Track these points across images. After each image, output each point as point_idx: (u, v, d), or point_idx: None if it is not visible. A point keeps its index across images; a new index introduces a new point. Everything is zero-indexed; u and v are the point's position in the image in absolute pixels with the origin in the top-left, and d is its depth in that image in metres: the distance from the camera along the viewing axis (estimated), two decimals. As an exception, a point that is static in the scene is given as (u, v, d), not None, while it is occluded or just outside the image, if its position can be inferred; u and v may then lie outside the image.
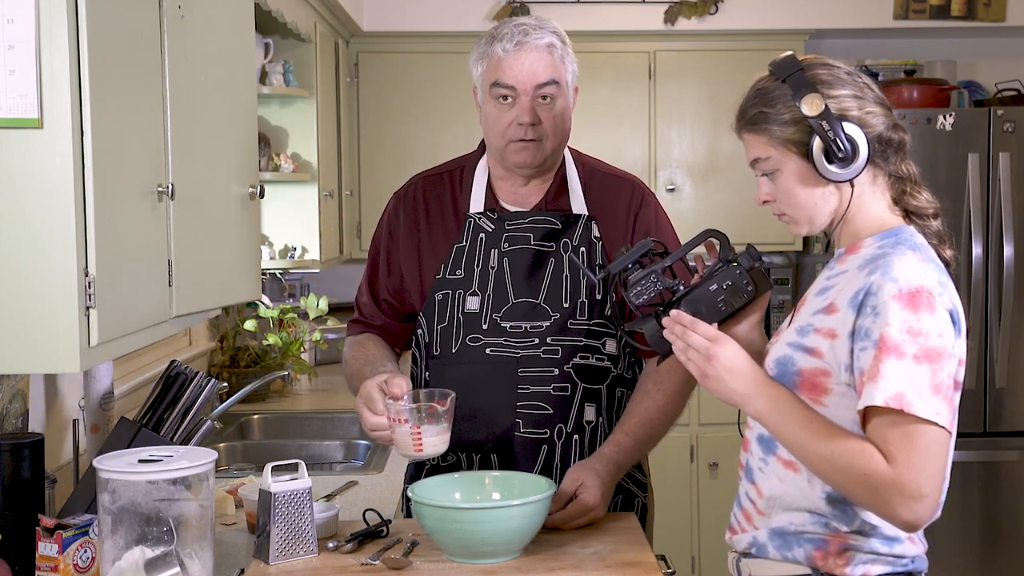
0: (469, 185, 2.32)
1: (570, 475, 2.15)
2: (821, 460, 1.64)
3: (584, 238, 2.26)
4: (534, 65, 2.18)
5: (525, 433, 2.22)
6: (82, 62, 1.56)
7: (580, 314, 2.23)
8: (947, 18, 4.67)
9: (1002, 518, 4.40)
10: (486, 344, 2.23)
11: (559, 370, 2.22)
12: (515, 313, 2.23)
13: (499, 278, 2.25)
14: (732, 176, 4.64)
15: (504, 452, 2.22)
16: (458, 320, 2.26)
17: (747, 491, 1.81)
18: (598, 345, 2.24)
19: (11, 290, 1.57)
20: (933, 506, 1.60)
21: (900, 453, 1.58)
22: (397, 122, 4.63)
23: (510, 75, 2.18)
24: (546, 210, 2.28)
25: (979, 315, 4.32)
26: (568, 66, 2.23)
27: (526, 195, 2.30)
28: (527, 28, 2.20)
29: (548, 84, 2.19)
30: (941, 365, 1.60)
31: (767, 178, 1.77)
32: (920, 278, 1.62)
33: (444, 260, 2.29)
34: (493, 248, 2.27)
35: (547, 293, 2.24)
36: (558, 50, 2.21)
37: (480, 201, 2.30)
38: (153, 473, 1.80)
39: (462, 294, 2.26)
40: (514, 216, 2.28)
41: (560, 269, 2.25)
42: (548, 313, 2.23)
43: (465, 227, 2.29)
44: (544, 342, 2.22)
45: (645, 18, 4.62)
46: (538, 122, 2.19)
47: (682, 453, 4.55)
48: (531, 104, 2.18)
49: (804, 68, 1.73)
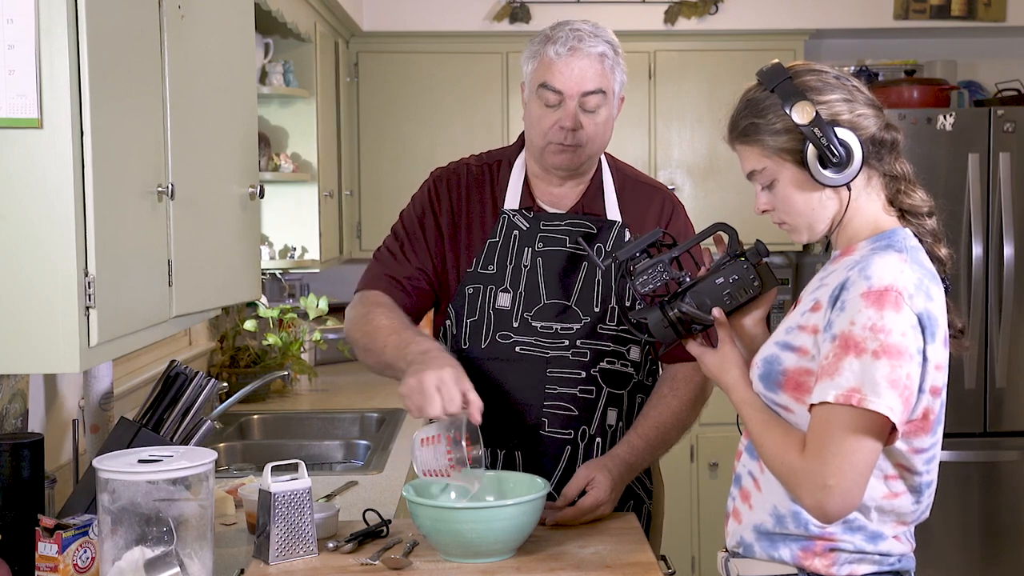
0: (506, 180, 2.33)
1: (581, 472, 2.17)
2: (760, 447, 1.71)
3: (617, 245, 2.27)
4: (584, 72, 2.19)
5: (551, 432, 2.24)
6: (82, 62, 1.56)
7: (610, 319, 2.25)
8: (947, 18, 4.67)
9: (1002, 518, 4.40)
10: (516, 342, 2.24)
11: (586, 373, 2.24)
12: (546, 313, 2.24)
13: (531, 277, 2.26)
14: (732, 176, 4.64)
15: (529, 450, 2.24)
16: (488, 316, 2.26)
17: (744, 474, 1.83)
18: (623, 351, 2.26)
19: (11, 290, 1.57)
20: (843, 498, 1.61)
21: (814, 443, 1.62)
22: (397, 122, 4.63)
23: (559, 79, 2.19)
24: (582, 214, 2.30)
25: (979, 315, 4.32)
26: (617, 76, 2.24)
27: (561, 196, 2.32)
28: (582, 34, 2.20)
29: (595, 93, 2.20)
30: (900, 363, 1.60)
31: (764, 188, 1.77)
32: (892, 278, 1.62)
33: (477, 254, 2.29)
34: (527, 247, 2.27)
35: (579, 296, 2.25)
36: (609, 60, 2.21)
37: (516, 198, 2.31)
38: (153, 473, 1.80)
39: (494, 290, 2.27)
40: (550, 217, 2.29)
41: (593, 273, 2.26)
42: (579, 316, 2.24)
43: (499, 222, 2.30)
44: (573, 344, 2.23)
45: (645, 18, 4.63)
46: (580, 128, 2.21)
47: (682, 453, 4.55)
48: (575, 110, 2.20)
49: (792, 76, 1.72)
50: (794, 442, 1.66)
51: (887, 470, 1.70)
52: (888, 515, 1.72)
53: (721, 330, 1.83)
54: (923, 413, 1.67)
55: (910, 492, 1.72)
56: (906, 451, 1.69)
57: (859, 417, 1.59)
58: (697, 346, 1.87)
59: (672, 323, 1.84)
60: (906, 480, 1.71)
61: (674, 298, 1.85)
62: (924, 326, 1.63)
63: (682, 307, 1.83)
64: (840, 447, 1.60)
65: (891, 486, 1.70)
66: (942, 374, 1.69)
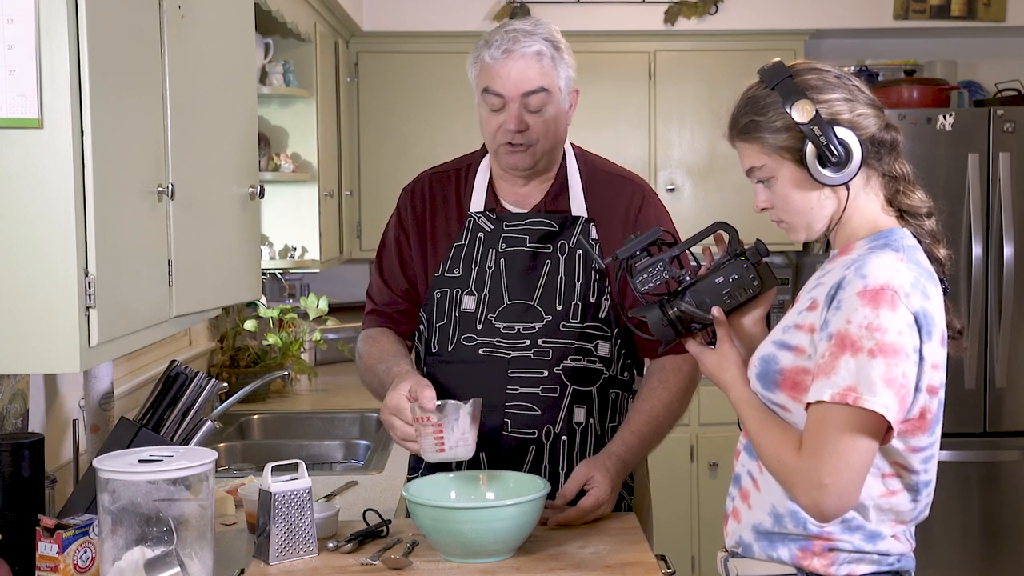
0: (472, 184, 2.33)
1: (579, 470, 2.17)
2: (757, 445, 1.71)
3: (581, 240, 2.26)
4: (522, 73, 2.18)
5: (513, 433, 2.23)
6: (82, 62, 1.56)
7: (573, 317, 2.24)
8: (947, 18, 4.67)
9: (1002, 518, 4.40)
10: (480, 344, 2.25)
11: (548, 372, 2.23)
12: (509, 314, 2.25)
13: (495, 279, 2.26)
14: (732, 176, 4.64)
15: (493, 451, 2.23)
16: (455, 319, 2.27)
17: (744, 472, 1.83)
18: (590, 348, 2.26)
19: (11, 290, 1.57)
20: (839, 497, 1.61)
21: (810, 442, 1.62)
22: (397, 122, 4.63)
23: (498, 83, 2.20)
24: (544, 212, 2.29)
25: (979, 315, 4.32)
26: (561, 71, 2.23)
27: (526, 195, 2.31)
28: (517, 35, 2.20)
29: (536, 92, 2.19)
30: (896, 361, 1.60)
31: (763, 185, 1.78)
32: (888, 277, 1.62)
33: (444, 258, 2.30)
34: (491, 248, 2.28)
35: (541, 295, 2.25)
36: (547, 57, 2.20)
37: (481, 200, 2.32)
38: (153, 473, 1.80)
39: (459, 293, 2.28)
40: (513, 217, 2.30)
41: (556, 271, 2.26)
42: (541, 315, 2.24)
43: (465, 226, 2.31)
44: (535, 344, 2.23)
45: (645, 18, 4.62)
46: (526, 128, 2.20)
47: (682, 453, 4.55)
48: (519, 111, 2.20)
49: (793, 74, 1.73)
50: (791, 441, 1.66)
51: (885, 469, 1.70)
52: (886, 514, 1.72)
53: (719, 329, 1.84)
54: (920, 412, 1.67)
55: (908, 491, 1.72)
56: (903, 450, 1.69)
57: (855, 416, 1.59)
58: (696, 345, 1.87)
59: (672, 322, 1.85)
60: (904, 479, 1.71)
61: (674, 297, 1.85)
62: (920, 325, 1.63)
63: (682, 306, 1.84)
64: (836, 446, 1.60)
65: (889, 485, 1.70)
66: (939, 373, 1.69)
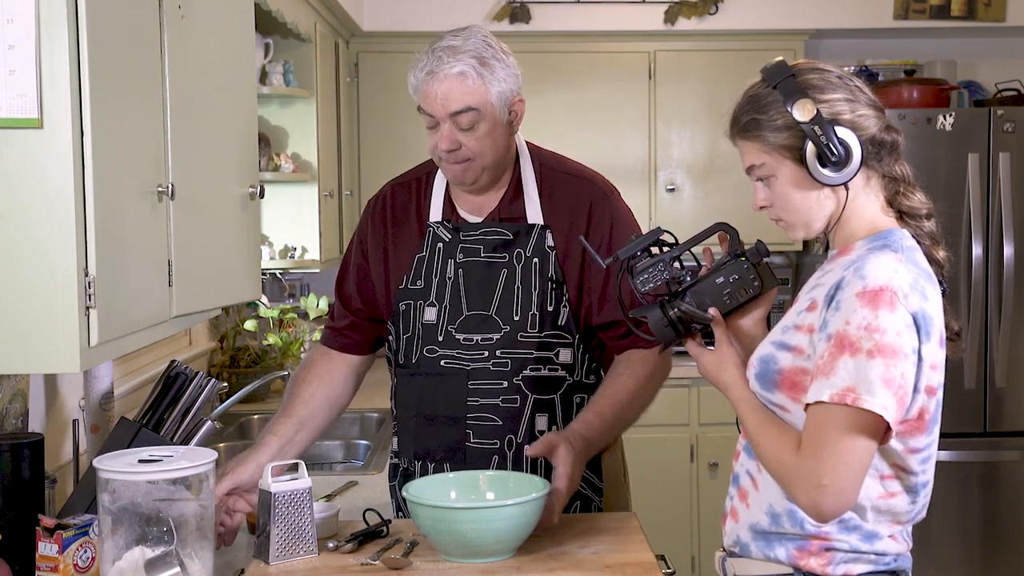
0: (431, 193, 2.32)
1: (543, 439, 2.11)
2: (756, 446, 1.71)
3: (538, 248, 2.24)
4: (447, 94, 2.16)
5: (477, 444, 2.23)
6: (82, 62, 1.56)
7: (531, 326, 2.22)
8: (947, 18, 4.68)
9: (1002, 518, 4.40)
10: (441, 355, 2.24)
11: (508, 382, 2.22)
12: (468, 325, 2.23)
13: (455, 289, 2.25)
14: (732, 176, 4.64)
15: (457, 461, 2.23)
16: (418, 331, 2.26)
17: (741, 474, 1.83)
18: (551, 356, 2.24)
19: (11, 290, 1.57)
20: (838, 497, 1.61)
21: (809, 442, 1.62)
22: (397, 122, 4.63)
23: (426, 103, 2.18)
24: (499, 220, 2.26)
25: (979, 315, 4.32)
26: (492, 87, 2.17)
27: (482, 204, 2.29)
28: (442, 56, 2.17)
29: (464, 112, 2.15)
30: (895, 362, 1.60)
31: (763, 184, 1.78)
32: (887, 278, 1.63)
33: (407, 270, 2.29)
34: (450, 259, 2.26)
35: (498, 305, 2.23)
36: (471, 76, 2.16)
37: (439, 210, 2.29)
38: (153, 473, 1.80)
39: (421, 304, 2.26)
40: (468, 227, 2.27)
41: (512, 281, 2.24)
42: (499, 325, 2.22)
43: (426, 237, 2.29)
44: (493, 355, 2.22)
45: (645, 18, 4.62)
46: (458, 147, 2.17)
47: (682, 453, 4.55)
48: (450, 131, 2.16)
49: (795, 74, 1.73)
50: (790, 441, 1.66)
51: (883, 470, 1.70)
52: (884, 515, 1.72)
53: (717, 329, 1.84)
54: (918, 413, 1.67)
55: (906, 492, 1.72)
56: (902, 451, 1.69)
57: (854, 416, 1.59)
58: (696, 345, 1.87)
59: (672, 322, 1.85)
60: (902, 480, 1.71)
61: (674, 297, 1.85)
62: (919, 325, 1.64)
63: (682, 306, 1.84)
64: (835, 446, 1.60)
65: (887, 486, 1.71)
66: (938, 374, 1.69)
